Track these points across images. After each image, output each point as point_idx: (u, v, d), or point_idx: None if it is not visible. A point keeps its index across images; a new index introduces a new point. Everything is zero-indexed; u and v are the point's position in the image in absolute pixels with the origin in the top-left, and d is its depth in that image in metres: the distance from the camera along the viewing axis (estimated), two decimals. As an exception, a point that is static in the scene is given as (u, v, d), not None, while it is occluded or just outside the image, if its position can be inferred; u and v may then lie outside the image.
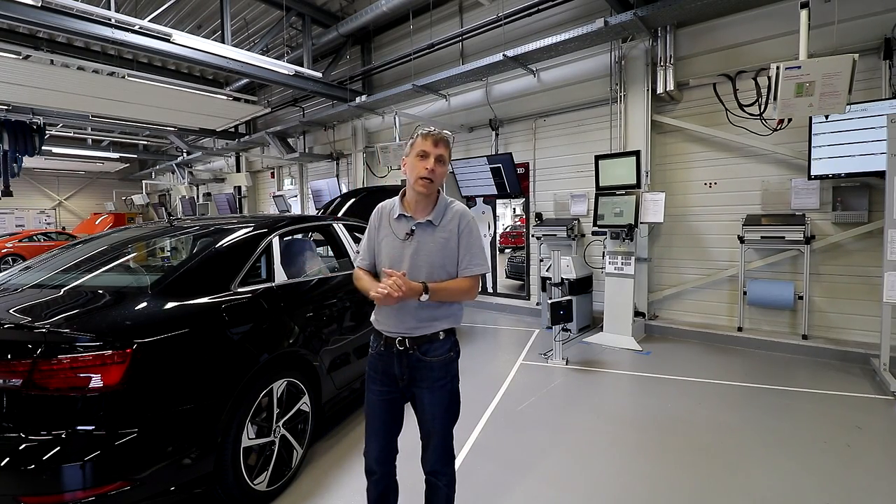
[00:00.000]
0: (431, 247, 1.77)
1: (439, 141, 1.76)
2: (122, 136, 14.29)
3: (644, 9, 4.94)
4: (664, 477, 2.62)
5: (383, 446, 1.87)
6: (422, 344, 1.77)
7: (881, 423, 3.24)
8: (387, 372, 1.83)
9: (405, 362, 1.79)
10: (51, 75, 6.71)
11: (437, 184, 1.79)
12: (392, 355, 1.80)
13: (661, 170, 5.84)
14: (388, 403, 1.85)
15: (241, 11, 8.44)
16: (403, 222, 1.81)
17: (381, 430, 1.86)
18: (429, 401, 1.80)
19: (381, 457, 1.87)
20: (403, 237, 1.79)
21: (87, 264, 2.70)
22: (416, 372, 1.79)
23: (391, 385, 1.83)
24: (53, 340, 1.83)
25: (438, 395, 1.81)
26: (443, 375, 1.81)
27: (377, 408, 1.86)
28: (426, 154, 1.74)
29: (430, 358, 1.78)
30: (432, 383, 1.79)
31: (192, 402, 2.09)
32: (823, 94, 3.53)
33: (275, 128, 10.69)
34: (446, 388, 1.82)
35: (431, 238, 1.78)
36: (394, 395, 1.84)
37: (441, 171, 1.78)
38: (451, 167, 7.35)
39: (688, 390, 3.91)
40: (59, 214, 19.74)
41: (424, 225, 1.78)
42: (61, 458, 1.76)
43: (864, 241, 4.63)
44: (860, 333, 4.66)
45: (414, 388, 1.81)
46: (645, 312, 5.73)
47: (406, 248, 1.77)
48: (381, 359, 1.84)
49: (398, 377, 1.81)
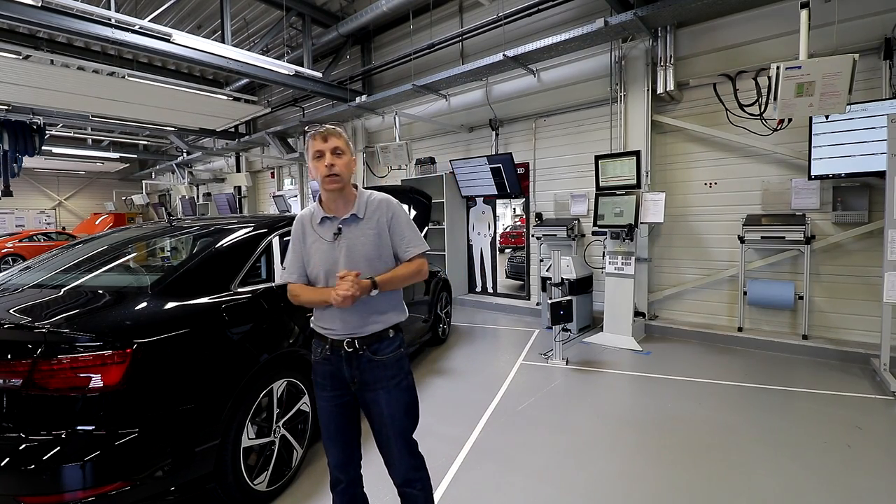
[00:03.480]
0: (363, 240, 1.73)
1: (329, 135, 1.71)
2: (122, 136, 14.30)
3: (644, 9, 4.93)
4: (664, 477, 2.62)
5: (344, 450, 1.80)
6: (371, 343, 1.73)
7: (881, 423, 3.23)
8: (336, 376, 1.76)
9: (355, 364, 1.73)
10: (51, 75, 6.72)
11: (347, 175, 1.74)
12: (340, 358, 1.73)
13: (661, 170, 5.84)
14: (342, 408, 1.78)
15: (241, 11, 8.45)
16: (328, 224, 1.77)
17: (338, 435, 1.79)
18: (386, 402, 1.73)
19: (343, 462, 1.80)
20: (332, 238, 1.74)
21: (87, 264, 2.70)
22: (368, 374, 1.73)
23: (342, 389, 1.76)
24: (53, 340, 1.83)
25: (395, 393, 1.74)
26: (397, 373, 1.76)
27: (331, 414, 1.78)
28: (321, 153, 1.70)
29: (381, 357, 1.73)
30: (387, 382, 1.73)
31: (192, 402, 2.09)
32: (824, 94, 3.53)
33: (275, 128, 10.68)
34: (402, 385, 1.77)
35: (361, 232, 1.74)
36: (346, 398, 1.78)
37: (343, 162, 1.72)
38: (451, 166, 7.37)
39: (688, 390, 3.91)
40: (59, 214, 19.74)
41: (350, 220, 1.75)
42: (61, 458, 1.76)
43: (865, 241, 4.63)
44: (860, 333, 4.66)
45: (367, 392, 1.74)
46: (645, 312, 5.72)
47: (338, 249, 1.73)
48: (328, 363, 1.76)
49: (349, 381, 1.75)
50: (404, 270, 1.76)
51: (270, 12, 8.32)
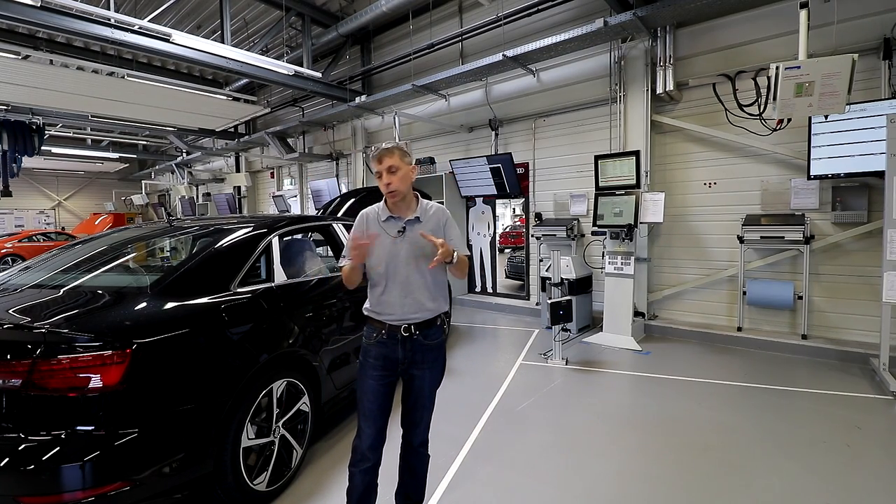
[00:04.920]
0: (422, 238, 1.95)
1: (383, 156, 1.95)
2: (121, 136, 14.29)
3: (643, 9, 4.94)
4: (664, 477, 2.62)
5: (379, 430, 2.00)
6: (423, 329, 1.99)
7: (881, 422, 3.24)
8: (388, 357, 1.98)
9: (409, 346, 1.97)
10: (50, 75, 6.71)
11: (403, 188, 1.98)
12: (396, 342, 1.97)
13: (660, 170, 5.84)
14: (387, 387, 2.01)
15: (240, 11, 8.45)
16: (392, 223, 2.02)
17: (378, 414, 1.99)
18: (430, 378, 2.04)
19: (375, 442, 2.00)
20: (395, 234, 1.98)
21: (86, 264, 2.69)
22: (417, 355, 1.99)
23: (391, 370, 2.00)
24: (53, 340, 1.82)
25: (436, 372, 2.07)
26: (439, 355, 2.08)
27: (376, 393, 1.99)
28: (379, 173, 1.97)
29: (430, 341, 2.02)
30: (432, 363, 2.04)
31: (192, 403, 2.09)
32: (823, 94, 3.53)
33: (274, 128, 10.68)
34: (441, 362, 2.10)
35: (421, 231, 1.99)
36: (392, 378, 2.02)
37: (398, 177, 1.95)
38: (451, 166, 7.37)
39: (687, 390, 3.91)
40: (58, 214, 19.73)
41: (413, 221, 2.01)
42: (61, 458, 1.76)
43: (864, 241, 4.63)
44: (860, 333, 4.66)
45: (414, 369, 2.00)
46: (645, 312, 5.72)
47: (402, 243, 1.98)
48: (383, 346, 1.99)
49: (400, 361, 1.99)
50: (462, 264, 2.01)
51: (270, 12, 8.32)
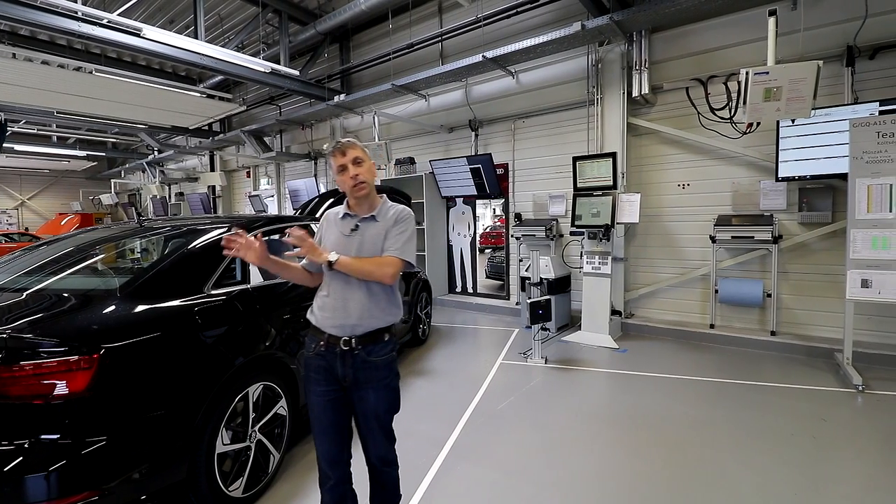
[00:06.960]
0: (374, 236, 1.86)
1: (346, 148, 1.86)
2: (89, 133, 13.80)
3: (620, 13, 5.03)
4: (641, 472, 2.67)
5: (333, 445, 1.85)
6: (366, 344, 1.80)
7: (845, 414, 3.37)
8: (329, 371, 1.82)
9: (349, 363, 1.79)
10: (13, 69, 6.42)
11: (371, 179, 1.89)
12: (335, 356, 1.80)
13: (636, 171, 5.96)
14: (334, 403, 1.84)
15: (215, 7, 8.26)
16: (349, 220, 1.91)
17: (331, 429, 1.84)
18: (374, 399, 1.82)
19: (333, 458, 1.85)
20: (349, 232, 1.88)
21: (51, 266, 2.58)
22: (361, 373, 1.80)
23: (335, 384, 1.83)
24: (15, 346, 1.75)
25: (384, 392, 1.84)
26: (387, 374, 1.86)
27: (323, 408, 1.84)
28: (343, 166, 1.85)
29: (375, 358, 1.81)
30: (378, 382, 1.83)
31: (163, 408, 2.03)
32: (790, 99, 3.66)
33: (250, 126, 10.48)
34: (391, 385, 1.88)
35: (375, 231, 1.87)
36: (338, 393, 1.84)
37: (364, 169, 1.86)
38: (431, 167, 7.37)
39: (663, 387, 3.99)
40: (21, 214, 18.91)
41: (368, 219, 1.89)
42: (24, 468, 1.69)
43: (829, 241, 4.82)
44: (825, 329, 4.85)
45: (358, 390, 1.82)
46: (621, 311, 5.83)
47: (352, 241, 1.86)
48: (322, 359, 1.83)
49: (341, 378, 1.81)
50: (367, 263, 1.79)
51: (246, 8, 8.14)
